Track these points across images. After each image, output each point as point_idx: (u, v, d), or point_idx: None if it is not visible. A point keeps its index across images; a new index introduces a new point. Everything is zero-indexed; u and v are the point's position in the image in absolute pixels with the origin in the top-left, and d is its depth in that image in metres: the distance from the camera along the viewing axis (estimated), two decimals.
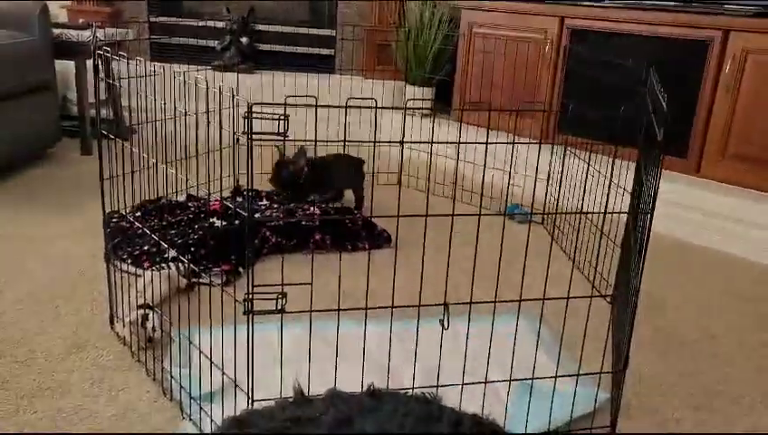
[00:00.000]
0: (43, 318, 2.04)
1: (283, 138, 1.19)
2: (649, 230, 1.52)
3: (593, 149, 2.25)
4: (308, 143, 1.22)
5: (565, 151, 2.81)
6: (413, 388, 0.97)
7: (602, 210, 1.57)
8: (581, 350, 1.64)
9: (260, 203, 3.02)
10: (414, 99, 4.20)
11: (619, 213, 1.56)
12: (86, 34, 3.58)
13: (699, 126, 3.20)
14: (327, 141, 1.22)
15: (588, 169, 1.86)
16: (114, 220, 2.59)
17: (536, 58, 3.78)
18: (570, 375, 1.67)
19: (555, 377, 1.60)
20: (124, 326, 1.90)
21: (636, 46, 3.36)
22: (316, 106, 1.20)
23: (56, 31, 3.55)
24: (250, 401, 1.47)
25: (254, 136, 1.19)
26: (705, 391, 1.91)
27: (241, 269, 2.41)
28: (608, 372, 1.81)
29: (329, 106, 1.11)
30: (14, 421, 1.58)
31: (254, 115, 1.20)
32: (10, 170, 3.29)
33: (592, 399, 1.70)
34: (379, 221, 2.75)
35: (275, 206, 2.97)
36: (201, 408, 1.60)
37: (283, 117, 1.18)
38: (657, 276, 2.63)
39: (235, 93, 1.39)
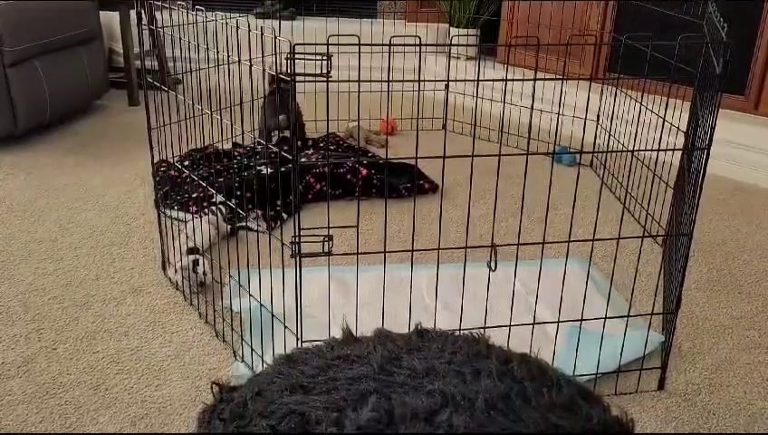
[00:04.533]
0: (99, 264, 2.10)
1: (326, 78, 1.18)
2: (705, 167, 1.47)
3: (646, 89, 2.17)
4: (351, 84, 1.20)
5: (616, 90, 2.72)
6: (460, 329, 0.97)
7: (655, 148, 1.52)
8: (632, 291, 1.62)
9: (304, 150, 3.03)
10: (458, 35, 4.09)
11: (673, 150, 1.51)
12: None
13: (760, 60, 3.05)
14: (371, 80, 1.20)
15: (641, 108, 1.80)
16: (162, 169, 2.63)
17: None
18: (620, 317, 1.65)
19: (605, 318, 1.58)
20: (176, 271, 1.95)
21: None
22: (359, 45, 1.17)
23: None
24: (299, 342, 1.50)
25: (297, 77, 1.18)
26: (761, 333, 1.86)
27: (285, 215, 2.43)
28: (659, 314, 1.78)
29: (371, 44, 1.09)
30: (76, 362, 1.65)
31: (297, 56, 1.18)
32: (60, 123, 3.36)
33: (643, 340, 1.68)
34: (425, 169, 2.72)
35: (321, 153, 2.97)
36: (252, 349, 1.64)
37: (325, 57, 1.16)
38: (713, 218, 2.55)
39: (277, 36, 1.37)
